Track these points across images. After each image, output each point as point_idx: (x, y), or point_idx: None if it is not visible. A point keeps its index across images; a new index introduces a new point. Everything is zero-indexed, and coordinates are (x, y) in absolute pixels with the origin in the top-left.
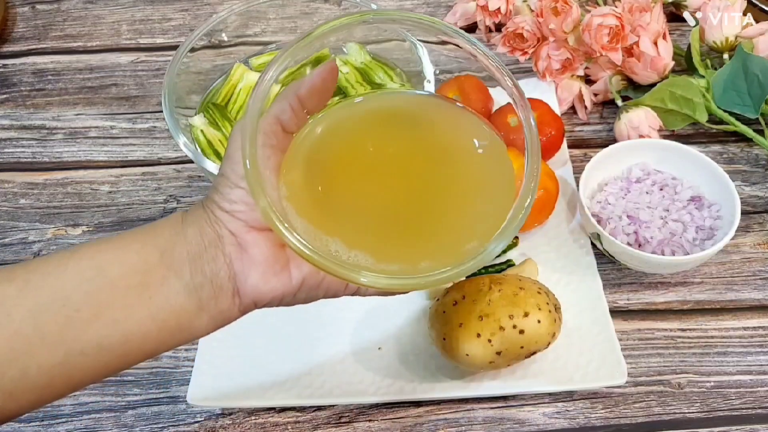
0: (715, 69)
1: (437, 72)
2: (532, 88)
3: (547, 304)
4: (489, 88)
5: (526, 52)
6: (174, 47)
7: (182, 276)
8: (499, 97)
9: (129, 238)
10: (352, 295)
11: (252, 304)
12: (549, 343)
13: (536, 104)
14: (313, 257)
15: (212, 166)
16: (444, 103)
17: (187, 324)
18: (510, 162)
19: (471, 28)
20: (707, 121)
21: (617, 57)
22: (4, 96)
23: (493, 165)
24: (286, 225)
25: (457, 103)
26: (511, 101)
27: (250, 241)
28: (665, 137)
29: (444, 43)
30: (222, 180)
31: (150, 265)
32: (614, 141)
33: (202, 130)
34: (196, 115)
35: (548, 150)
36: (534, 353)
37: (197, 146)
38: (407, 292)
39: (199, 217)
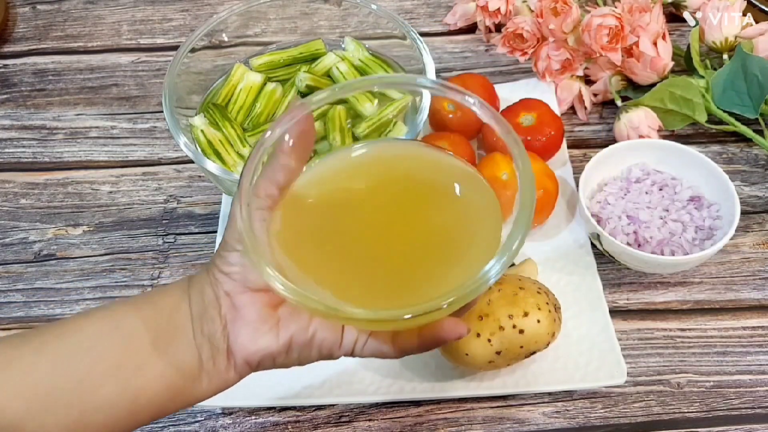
0: (715, 69)
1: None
2: (531, 88)
3: (547, 304)
4: (495, 86)
5: (525, 53)
6: (174, 47)
7: (186, 335)
8: (506, 95)
9: (141, 299)
10: (349, 355)
11: (244, 364)
12: (548, 343)
13: (536, 104)
14: (291, 295)
15: (212, 166)
16: (431, 151)
17: (190, 385)
18: (498, 206)
19: (471, 28)
20: (707, 122)
21: (617, 57)
22: (5, 96)
23: (483, 211)
24: (271, 270)
25: (445, 151)
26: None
27: (243, 301)
28: (665, 137)
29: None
30: (222, 244)
31: (160, 324)
32: (614, 141)
33: (202, 130)
34: (196, 115)
35: (548, 150)
36: (534, 353)
37: (197, 146)
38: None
39: (202, 279)
